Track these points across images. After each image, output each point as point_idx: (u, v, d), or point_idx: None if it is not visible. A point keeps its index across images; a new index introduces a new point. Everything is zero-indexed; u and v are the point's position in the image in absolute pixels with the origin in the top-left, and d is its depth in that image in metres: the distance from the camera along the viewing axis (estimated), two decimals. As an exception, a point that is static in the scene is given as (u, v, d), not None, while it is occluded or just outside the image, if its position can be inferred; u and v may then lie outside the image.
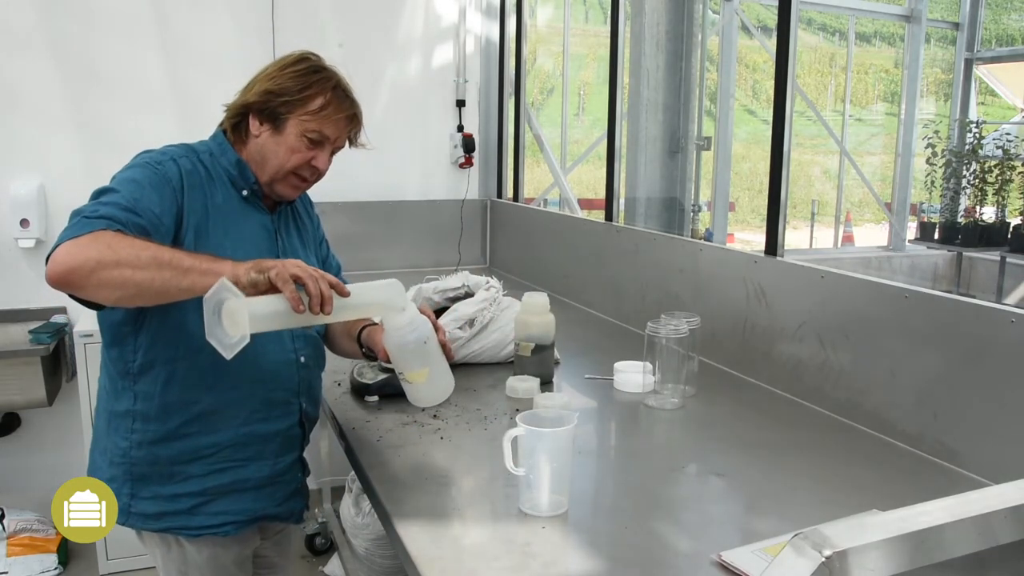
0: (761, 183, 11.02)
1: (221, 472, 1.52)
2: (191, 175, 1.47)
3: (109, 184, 1.39)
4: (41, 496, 2.71)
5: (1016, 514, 0.68)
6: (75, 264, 1.22)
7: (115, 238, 1.25)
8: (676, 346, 1.85)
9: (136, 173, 1.41)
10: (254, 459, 1.55)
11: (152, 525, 1.51)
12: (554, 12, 7.33)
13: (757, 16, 8.26)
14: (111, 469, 1.51)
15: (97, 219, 1.27)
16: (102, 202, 1.32)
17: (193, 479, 1.50)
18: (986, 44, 8.32)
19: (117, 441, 1.50)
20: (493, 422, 1.75)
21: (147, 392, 1.47)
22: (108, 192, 1.36)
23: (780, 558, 0.62)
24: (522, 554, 1.20)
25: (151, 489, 1.50)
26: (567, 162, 5.51)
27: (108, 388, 1.53)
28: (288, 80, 1.50)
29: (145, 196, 1.37)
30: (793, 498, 1.45)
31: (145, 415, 1.48)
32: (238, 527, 1.56)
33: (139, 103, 3.20)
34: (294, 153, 1.52)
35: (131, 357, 1.46)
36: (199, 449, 1.50)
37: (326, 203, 3.40)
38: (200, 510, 1.51)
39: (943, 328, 1.58)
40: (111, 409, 1.52)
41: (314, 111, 1.51)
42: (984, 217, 5.90)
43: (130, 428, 1.48)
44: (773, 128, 2.05)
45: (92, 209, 1.30)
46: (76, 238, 1.23)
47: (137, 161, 1.47)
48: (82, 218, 1.28)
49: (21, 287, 3.13)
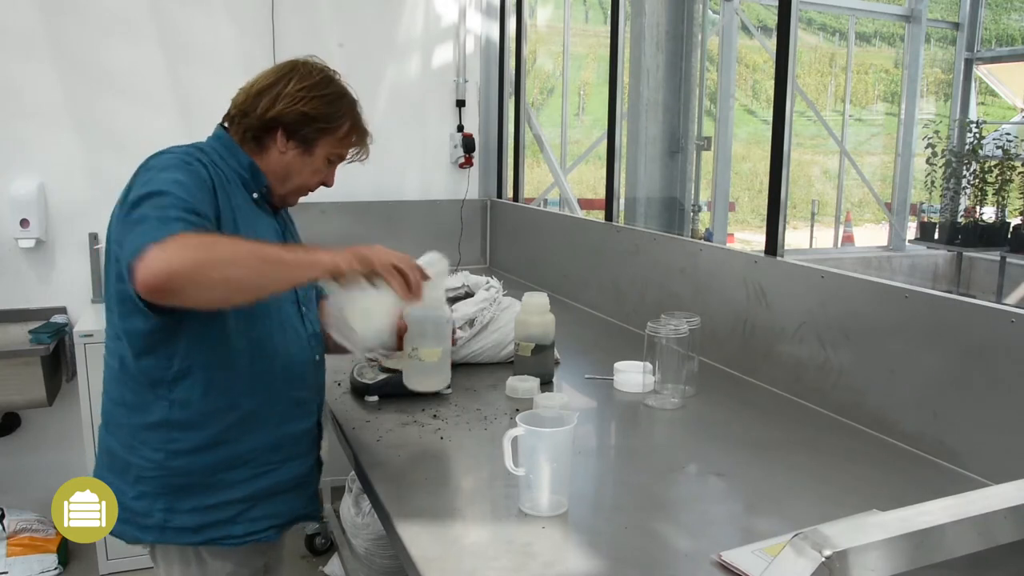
0: (761, 183, 11.02)
1: (261, 476, 1.50)
2: (216, 176, 1.45)
3: (156, 187, 1.30)
4: (41, 496, 2.70)
5: (1016, 514, 0.68)
6: (174, 268, 1.18)
7: (205, 238, 1.24)
8: (676, 346, 1.85)
9: (178, 175, 1.35)
10: (288, 460, 1.54)
11: (192, 539, 1.46)
12: (554, 12, 7.33)
13: (757, 16, 8.25)
14: (138, 486, 1.44)
15: (174, 221, 1.23)
16: (164, 205, 1.27)
17: (235, 486, 1.47)
18: (986, 44, 8.32)
19: (147, 455, 1.43)
20: (493, 422, 1.75)
21: (185, 399, 1.42)
22: (161, 195, 1.29)
23: (780, 558, 0.62)
24: (522, 554, 1.20)
25: (189, 501, 1.44)
26: (567, 162, 5.51)
27: (131, 401, 1.45)
28: (323, 106, 1.53)
29: (196, 197, 1.34)
30: (793, 498, 1.45)
31: (183, 423, 1.43)
32: (279, 531, 1.54)
33: (139, 103, 3.20)
34: (316, 174, 1.59)
35: (165, 364, 1.41)
36: (240, 454, 1.47)
37: (326, 203, 3.41)
38: (242, 517, 1.48)
39: (943, 328, 1.58)
40: (136, 423, 1.44)
41: (341, 136, 1.57)
42: (984, 217, 5.90)
43: (166, 439, 1.43)
44: (773, 128, 2.05)
45: (159, 213, 1.25)
46: (161, 242, 1.18)
47: (168, 162, 1.39)
48: (156, 221, 1.23)
49: (21, 287, 3.13)
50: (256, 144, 1.55)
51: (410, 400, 1.86)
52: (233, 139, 1.55)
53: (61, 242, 3.17)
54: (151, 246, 1.18)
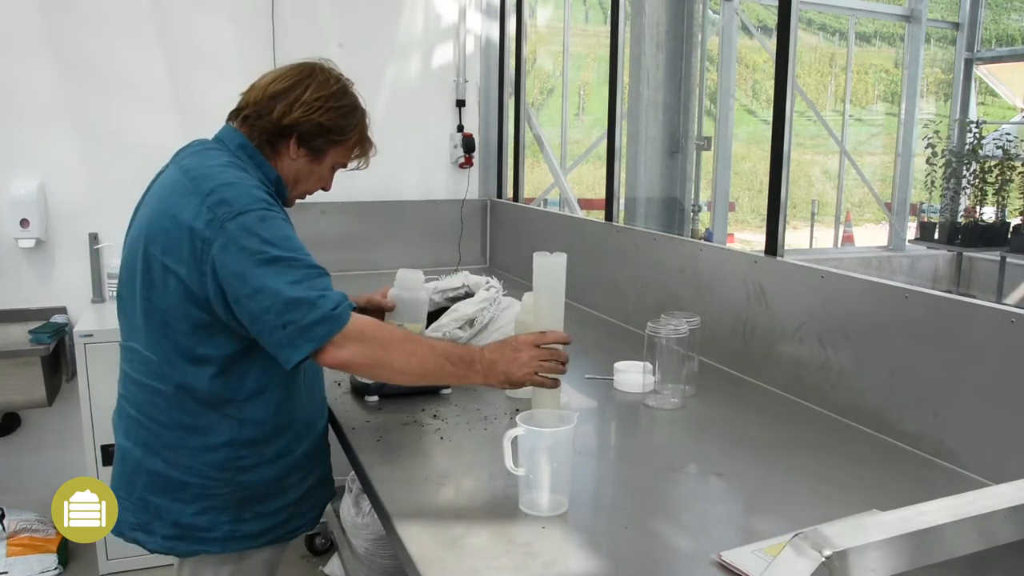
0: (761, 183, 11.02)
1: (309, 476, 1.63)
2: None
3: (274, 251, 1.37)
4: (41, 496, 2.70)
5: (1016, 514, 0.68)
6: (356, 364, 1.41)
7: (379, 338, 1.41)
8: (676, 346, 1.85)
9: (285, 228, 1.42)
10: (322, 457, 1.69)
11: (256, 543, 1.55)
12: (554, 12, 7.33)
13: (757, 16, 8.26)
14: (200, 502, 1.49)
15: (343, 307, 1.37)
16: (318, 285, 1.37)
17: (291, 489, 1.58)
18: (986, 44, 8.32)
19: (213, 474, 1.48)
20: (493, 422, 1.75)
21: (255, 418, 1.49)
22: (293, 263, 1.37)
23: (780, 558, 0.62)
24: (522, 554, 1.20)
25: (253, 509, 1.53)
26: (567, 162, 5.51)
27: (189, 424, 1.47)
28: (338, 118, 1.57)
29: (306, 251, 1.43)
30: (793, 498, 1.45)
31: (251, 441, 1.49)
32: (317, 519, 1.69)
33: (139, 103, 3.20)
34: (320, 181, 1.66)
35: (237, 385, 1.46)
36: (296, 462, 1.58)
37: (326, 203, 3.41)
38: (296, 515, 1.61)
39: (943, 328, 1.58)
40: (198, 445, 1.47)
41: (349, 147, 1.63)
42: (984, 217, 5.90)
43: (234, 456, 1.48)
44: (773, 128, 2.05)
45: (319, 295, 1.36)
46: (339, 337, 1.35)
47: (259, 211, 1.40)
48: (328, 315, 1.35)
49: (21, 287, 3.13)
50: (270, 148, 1.57)
51: (410, 400, 1.86)
52: (251, 143, 1.56)
53: (61, 242, 3.17)
54: (328, 346, 1.35)
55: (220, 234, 1.36)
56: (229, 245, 1.36)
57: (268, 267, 1.35)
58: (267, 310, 1.34)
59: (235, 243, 1.35)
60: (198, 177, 1.44)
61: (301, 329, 1.33)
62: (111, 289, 3.19)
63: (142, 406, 1.50)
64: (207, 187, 1.41)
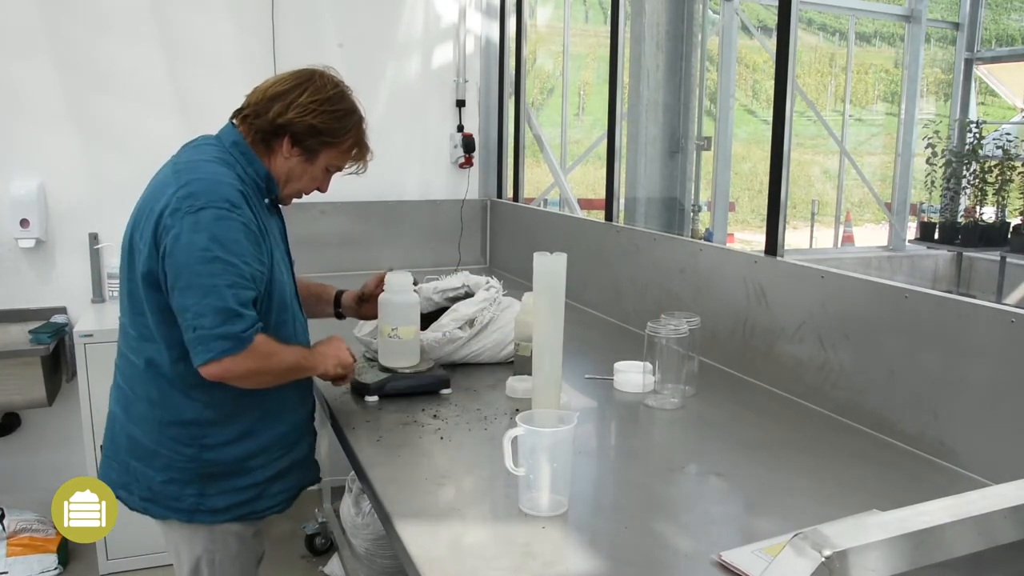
0: (761, 183, 11.02)
1: (280, 459, 1.69)
2: (250, 200, 1.57)
3: (218, 250, 1.45)
4: (41, 496, 2.70)
5: (1016, 514, 0.68)
6: (233, 375, 1.50)
7: (264, 356, 1.51)
8: (676, 346, 1.85)
9: (236, 232, 1.49)
10: (299, 441, 1.75)
11: (221, 517, 1.64)
12: (554, 12, 7.33)
13: (757, 16, 8.26)
14: (168, 472, 1.60)
15: (252, 329, 1.47)
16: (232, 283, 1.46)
17: (257, 470, 1.65)
18: (986, 44, 8.32)
19: (178, 448, 1.59)
20: (493, 422, 1.75)
21: (220, 401, 1.57)
22: (228, 266, 1.46)
23: (780, 558, 0.62)
24: (522, 554, 1.20)
25: (219, 485, 1.61)
26: (567, 162, 5.51)
27: (157, 399, 1.58)
28: (332, 121, 1.63)
29: (253, 259, 1.52)
30: (793, 498, 1.45)
31: (215, 421, 1.59)
32: (290, 501, 1.75)
33: (139, 103, 3.20)
34: (314, 181, 1.72)
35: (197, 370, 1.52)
36: (263, 444, 1.65)
37: (326, 203, 3.41)
38: (263, 494, 1.67)
39: (943, 328, 1.58)
40: (164, 419, 1.58)
41: (344, 151, 1.69)
42: (984, 217, 5.90)
43: (198, 435, 1.58)
44: (773, 128, 2.05)
45: (230, 299, 1.45)
46: (236, 356, 1.46)
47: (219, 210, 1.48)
48: (239, 335, 1.45)
49: (21, 287, 3.13)
50: (264, 146, 1.64)
51: (410, 400, 1.86)
52: (247, 141, 1.63)
53: (61, 242, 3.17)
54: (224, 360, 1.45)
55: (177, 223, 1.46)
56: (181, 235, 1.45)
57: (207, 265, 1.44)
58: (187, 308, 1.45)
59: (186, 234, 1.45)
60: (181, 170, 1.55)
61: (207, 338, 1.44)
62: (111, 289, 3.19)
63: (125, 376, 1.65)
64: (184, 179, 1.52)
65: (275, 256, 1.62)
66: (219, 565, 1.69)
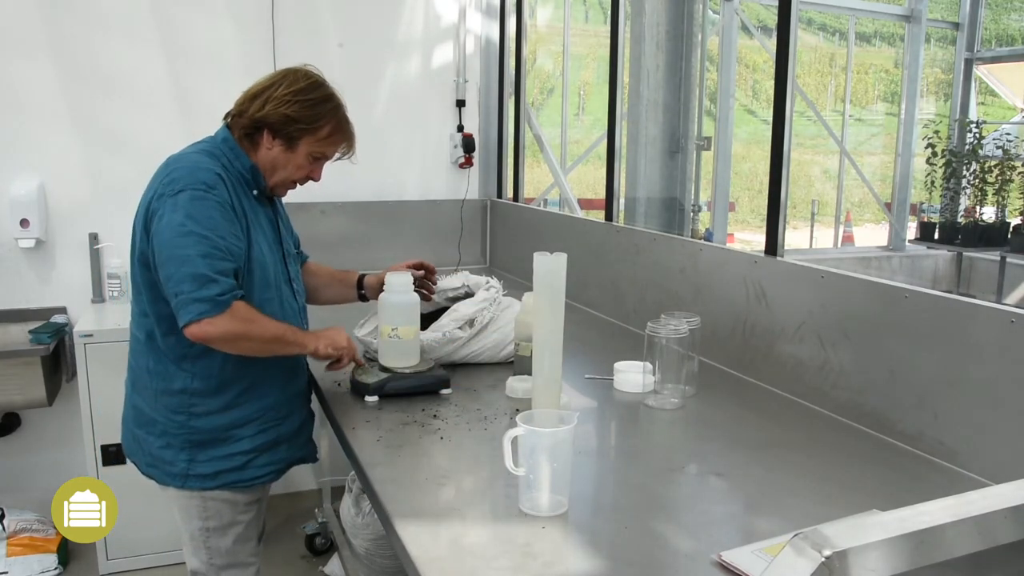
0: (761, 183, 11.02)
1: (266, 431, 1.80)
2: (231, 186, 1.70)
3: (192, 225, 1.58)
4: (41, 496, 2.71)
5: (1016, 514, 0.68)
6: (216, 337, 1.60)
7: (245, 320, 1.61)
8: (676, 346, 1.85)
9: (210, 209, 1.62)
10: (288, 416, 1.85)
11: (210, 484, 1.76)
12: (554, 12, 7.33)
13: (757, 16, 8.26)
14: (164, 439, 1.74)
15: (213, 283, 1.57)
16: (207, 253, 1.58)
17: (244, 440, 1.77)
18: (986, 44, 8.32)
19: (170, 416, 1.73)
20: (493, 422, 1.75)
21: (205, 372, 1.71)
22: (201, 239, 1.58)
23: (780, 558, 0.62)
24: (522, 554, 1.20)
25: (208, 453, 1.74)
26: (567, 162, 5.51)
27: (155, 369, 1.73)
28: (305, 109, 1.73)
29: (228, 234, 1.64)
30: (793, 498, 1.45)
31: (202, 391, 1.72)
32: (279, 474, 1.86)
33: (139, 103, 3.20)
34: (300, 169, 1.80)
35: (189, 343, 1.64)
36: (248, 415, 1.76)
37: (326, 203, 3.41)
38: (251, 464, 1.78)
39: (943, 328, 1.58)
40: (160, 388, 1.73)
41: (323, 137, 1.77)
42: (984, 217, 5.90)
43: (187, 403, 1.72)
44: (773, 128, 2.05)
45: (204, 267, 1.57)
46: (211, 319, 1.57)
47: (195, 191, 1.62)
48: (202, 280, 1.56)
49: (21, 287, 3.13)
50: (249, 141, 1.77)
51: (410, 400, 1.86)
52: (234, 138, 1.77)
53: (61, 242, 3.17)
54: (203, 321, 1.56)
55: (161, 205, 1.62)
56: (164, 215, 1.61)
57: (183, 239, 1.58)
58: (170, 276, 1.59)
59: (168, 214, 1.60)
60: (170, 161, 1.71)
61: (186, 301, 1.57)
62: (111, 289, 3.19)
63: (132, 352, 1.81)
64: (170, 168, 1.68)
65: (255, 237, 1.73)
66: (213, 533, 1.81)
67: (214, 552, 1.82)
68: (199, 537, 1.81)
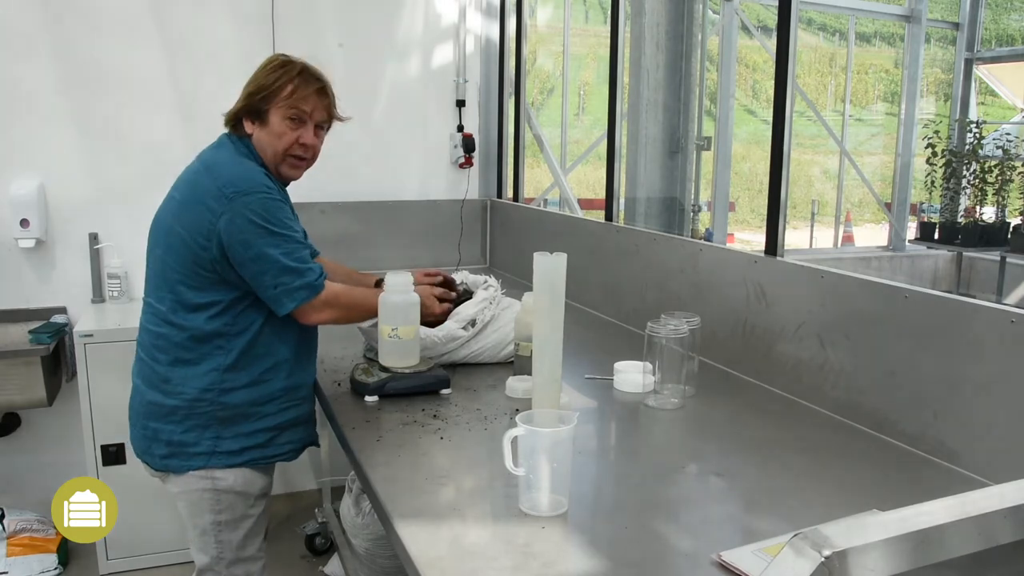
0: (761, 183, 11.03)
1: (287, 410, 1.87)
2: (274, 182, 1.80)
3: (276, 227, 1.73)
4: (41, 496, 2.70)
5: (1016, 514, 0.68)
6: (325, 320, 1.83)
7: (344, 302, 1.85)
8: (676, 346, 1.85)
9: (282, 210, 1.76)
10: (305, 399, 1.93)
11: (235, 460, 1.81)
12: (554, 12, 7.34)
13: (757, 16, 8.26)
14: (188, 422, 1.78)
15: (320, 278, 1.78)
16: (303, 258, 1.77)
17: (268, 417, 1.83)
18: (986, 44, 8.32)
19: (198, 395, 1.77)
20: (493, 422, 1.75)
21: (240, 348, 1.78)
22: (286, 238, 1.74)
23: (780, 558, 0.62)
24: (522, 554, 1.20)
25: (233, 430, 1.79)
26: (567, 162, 5.51)
27: (188, 358, 1.77)
28: (261, 79, 1.80)
29: (296, 225, 1.80)
30: (793, 498, 1.45)
31: (233, 367, 1.78)
32: (296, 453, 1.93)
33: (139, 103, 3.20)
34: (282, 136, 1.81)
35: (231, 322, 1.76)
36: (272, 392, 1.83)
37: (326, 203, 3.41)
38: (272, 442, 1.85)
39: (943, 328, 1.58)
40: (194, 373, 1.77)
41: (287, 96, 1.79)
42: (984, 217, 5.90)
43: (219, 380, 1.77)
44: (773, 128, 2.05)
45: (306, 267, 1.76)
46: (314, 300, 1.76)
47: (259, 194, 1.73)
48: (312, 284, 1.76)
49: (21, 287, 3.13)
50: (241, 141, 1.83)
51: (410, 400, 1.86)
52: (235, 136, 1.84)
53: (61, 242, 3.17)
54: (305, 306, 1.76)
55: (228, 209, 1.68)
56: (235, 218, 1.68)
57: (267, 239, 1.70)
58: (264, 272, 1.71)
59: (241, 216, 1.69)
60: (212, 166, 1.78)
61: (288, 291, 1.73)
62: (111, 289, 3.19)
63: (147, 348, 1.82)
64: (219, 172, 1.75)
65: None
66: (226, 527, 1.83)
67: (225, 546, 1.84)
68: (211, 531, 1.83)
